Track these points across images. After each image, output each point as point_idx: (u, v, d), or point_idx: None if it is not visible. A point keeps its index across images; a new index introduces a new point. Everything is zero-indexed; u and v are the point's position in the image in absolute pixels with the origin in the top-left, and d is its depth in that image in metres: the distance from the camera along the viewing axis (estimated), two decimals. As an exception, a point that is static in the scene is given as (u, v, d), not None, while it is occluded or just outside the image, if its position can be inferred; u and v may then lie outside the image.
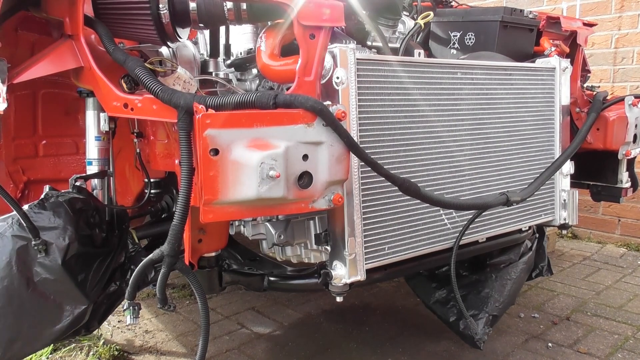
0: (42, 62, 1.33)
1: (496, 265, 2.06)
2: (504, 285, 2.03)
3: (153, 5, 1.26)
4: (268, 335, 2.27)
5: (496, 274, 2.05)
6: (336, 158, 1.17)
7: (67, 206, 1.39)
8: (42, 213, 1.37)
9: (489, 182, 1.75)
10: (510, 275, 2.05)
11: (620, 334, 2.24)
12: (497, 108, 1.75)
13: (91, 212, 1.45)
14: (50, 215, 1.37)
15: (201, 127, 1.04)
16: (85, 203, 1.44)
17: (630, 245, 3.45)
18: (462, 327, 1.98)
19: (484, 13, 2.03)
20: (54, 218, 1.36)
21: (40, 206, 1.38)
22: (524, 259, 2.08)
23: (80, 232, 1.38)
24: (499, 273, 2.05)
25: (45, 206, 1.38)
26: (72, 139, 1.96)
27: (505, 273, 2.05)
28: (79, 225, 1.39)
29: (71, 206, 1.39)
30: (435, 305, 2.08)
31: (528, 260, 2.11)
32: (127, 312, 1.32)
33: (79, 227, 1.39)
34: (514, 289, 2.07)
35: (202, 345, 1.26)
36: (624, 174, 2.21)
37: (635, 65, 3.39)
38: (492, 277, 2.04)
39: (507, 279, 2.04)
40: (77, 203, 1.42)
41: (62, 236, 1.35)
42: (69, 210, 1.38)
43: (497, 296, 2.00)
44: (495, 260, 2.05)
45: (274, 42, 1.31)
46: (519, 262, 2.07)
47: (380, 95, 1.43)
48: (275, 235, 1.49)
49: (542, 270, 2.31)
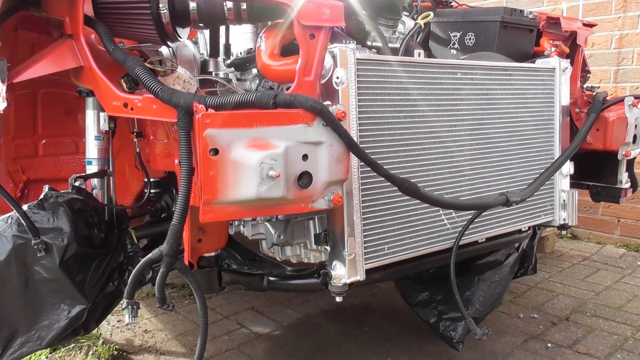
0: (42, 62, 1.33)
1: (481, 267, 2.06)
2: (488, 287, 2.04)
3: (153, 5, 1.26)
4: (267, 335, 2.27)
5: (480, 276, 2.06)
6: (336, 158, 1.17)
7: (66, 207, 1.39)
8: (41, 213, 1.37)
9: (489, 183, 1.75)
10: (494, 278, 2.06)
11: (620, 335, 2.24)
12: (497, 108, 1.75)
13: (90, 212, 1.45)
14: (49, 215, 1.37)
15: (201, 127, 1.04)
16: (84, 203, 1.44)
17: (629, 245, 3.45)
18: (442, 328, 2.00)
19: (484, 13, 2.03)
20: (52, 219, 1.36)
21: (40, 206, 1.38)
22: (510, 260, 2.09)
23: (79, 232, 1.38)
24: (483, 275, 2.06)
25: (44, 206, 1.38)
26: (72, 138, 1.96)
27: (491, 275, 2.06)
28: (78, 226, 1.39)
29: (70, 207, 1.39)
30: (417, 306, 2.09)
31: (515, 261, 2.11)
32: (126, 312, 1.32)
33: (78, 228, 1.38)
34: (499, 291, 2.07)
35: (201, 345, 1.26)
36: (624, 175, 2.21)
37: (635, 65, 3.39)
38: (476, 280, 2.04)
39: (492, 281, 2.05)
40: (76, 203, 1.42)
41: (61, 237, 1.35)
42: (68, 210, 1.38)
43: (480, 298, 2.01)
44: (481, 262, 2.06)
45: (274, 42, 1.31)
46: (504, 263, 2.08)
47: (380, 96, 1.43)
48: (274, 235, 1.49)
49: (527, 269, 2.31)
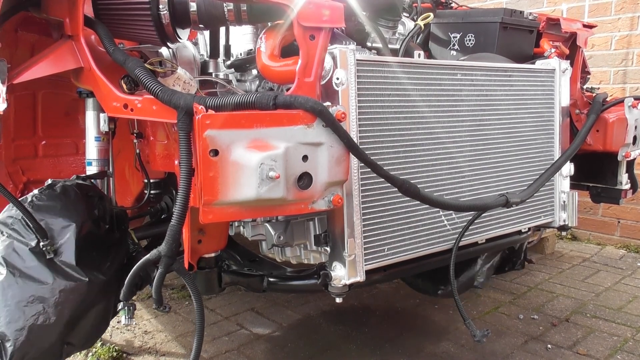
0: (42, 63, 1.33)
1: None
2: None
3: (153, 6, 1.26)
4: (267, 336, 2.27)
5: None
6: (336, 159, 1.17)
7: (77, 189, 1.41)
8: (52, 195, 1.39)
9: (489, 184, 1.75)
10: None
11: (620, 336, 2.24)
12: (497, 109, 1.75)
13: (97, 199, 1.47)
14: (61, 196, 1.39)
15: (201, 128, 1.04)
16: (91, 189, 1.47)
17: (629, 246, 3.45)
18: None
19: (483, 14, 2.03)
20: (65, 199, 1.39)
21: (50, 188, 1.40)
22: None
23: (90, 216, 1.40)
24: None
25: (55, 189, 1.41)
26: (72, 139, 1.97)
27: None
28: (89, 209, 1.41)
29: (80, 189, 1.42)
30: (442, 296, 2.18)
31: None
32: (122, 313, 1.33)
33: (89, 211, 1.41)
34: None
35: (196, 346, 1.26)
36: (624, 176, 2.21)
37: (635, 67, 3.39)
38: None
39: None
40: (84, 189, 1.45)
41: (77, 214, 1.38)
42: (79, 192, 1.41)
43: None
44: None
45: (274, 43, 1.31)
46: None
47: (380, 97, 1.43)
48: (274, 236, 1.49)
49: (515, 265, 2.34)
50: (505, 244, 1.98)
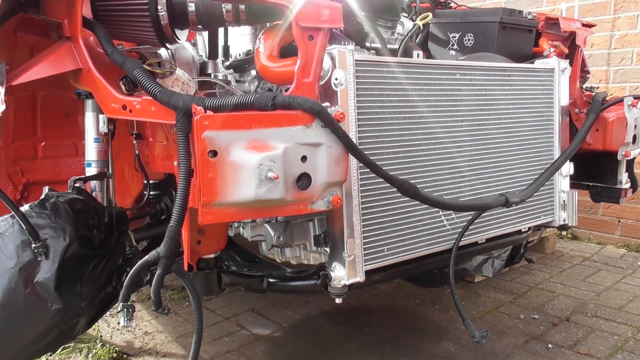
0: (41, 64, 1.33)
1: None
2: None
3: (152, 7, 1.26)
4: (268, 336, 2.27)
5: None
6: (335, 159, 1.17)
7: (68, 206, 1.39)
8: (42, 213, 1.37)
9: (488, 183, 1.74)
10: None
11: (621, 335, 2.23)
12: (496, 109, 1.75)
13: (90, 213, 1.45)
14: (51, 214, 1.37)
15: (199, 129, 1.04)
16: (85, 204, 1.45)
17: (630, 246, 3.45)
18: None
19: (483, 14, 2.03)
20: (54, 218, 1.36)
21: (41, 206, 1.38)
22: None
23: (80, 232, 1.38)
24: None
25: (45, 206, 1.38)
26: (71, 140, 1.97)
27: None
28: (79, 226, 1.39)
29: (71, 206, 1.39)
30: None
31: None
32: (121, 314, 1.33)
33: (79, 228, 1.38)
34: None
35: (195, 347, 1.26)
36: (624, 175, 2.21)
37: (634, 66, 3.39)
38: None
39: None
40: (77, 204, 1.42)
41: (63, 235, 1.35)
42: (69, 210, 1.38)
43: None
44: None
45: (273, 44, 1.31)
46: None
47: (379, 97, 1.43)
48: (274, 237, 1.49)
49: (515, 258, 2.42)
50: (505, 244, 1.98)
